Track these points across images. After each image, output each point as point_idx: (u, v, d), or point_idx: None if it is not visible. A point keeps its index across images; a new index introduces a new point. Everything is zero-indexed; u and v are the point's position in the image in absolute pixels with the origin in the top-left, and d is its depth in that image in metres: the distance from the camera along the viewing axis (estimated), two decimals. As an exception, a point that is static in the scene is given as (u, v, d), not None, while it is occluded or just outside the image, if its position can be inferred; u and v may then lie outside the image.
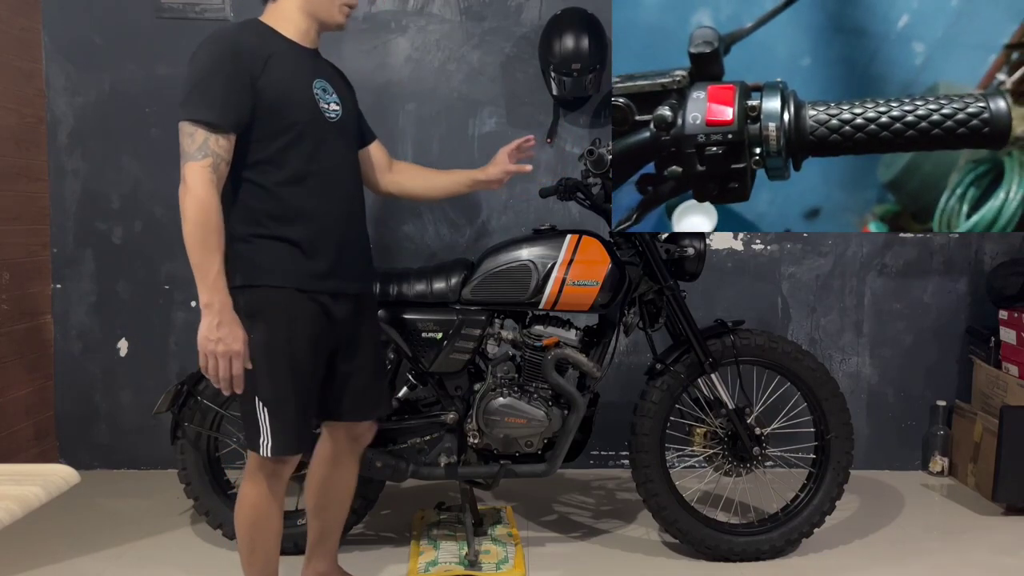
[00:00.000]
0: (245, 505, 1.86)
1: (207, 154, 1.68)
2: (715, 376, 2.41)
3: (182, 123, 1.69)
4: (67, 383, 3.19)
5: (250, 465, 1.86)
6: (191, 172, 1.68)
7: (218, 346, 1.68)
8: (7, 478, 1.37)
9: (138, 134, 3.13)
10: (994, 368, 3.05)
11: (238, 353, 1.70)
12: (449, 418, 2.36)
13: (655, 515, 2.44)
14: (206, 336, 1.68)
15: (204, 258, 1.67)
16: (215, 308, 1.67)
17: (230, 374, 1.70)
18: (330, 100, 1.86)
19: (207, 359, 1.69)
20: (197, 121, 1.68)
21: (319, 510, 2.09)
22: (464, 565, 2.35)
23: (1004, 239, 3.24)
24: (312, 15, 1.85)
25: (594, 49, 2.90)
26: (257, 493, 1.85)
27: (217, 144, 1.69)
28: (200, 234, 1.67)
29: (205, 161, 1.68)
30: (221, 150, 1.70)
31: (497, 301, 2.32)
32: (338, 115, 1.87)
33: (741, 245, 3.23)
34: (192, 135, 1.68)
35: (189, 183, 1.68)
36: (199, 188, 1.67)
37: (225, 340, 1.68)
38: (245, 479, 1.87)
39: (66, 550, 2.50)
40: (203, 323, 1.68)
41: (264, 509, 1.85)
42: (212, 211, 1.68)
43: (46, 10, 3.08)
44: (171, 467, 2.96)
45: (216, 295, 1.68)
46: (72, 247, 3.16)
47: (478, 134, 3.18)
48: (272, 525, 1.88)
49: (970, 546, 2.58)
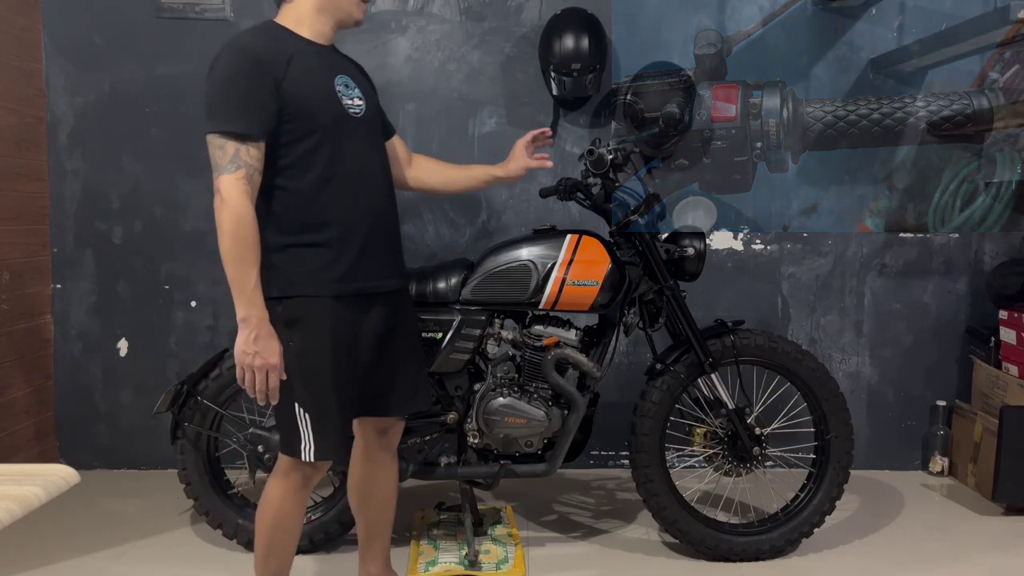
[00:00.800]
0: (270, 505, 1.86)
1: (240, 165, 1.66)
2: (715, 376, 2.41)
3: (210, 136, 1.67)
4: (67, 383, 3.19)
5: (281, 467, 1.86)
6: (225, 185, 1.65)
7: (255, 359, 1.68)
8: (7, 478, 1.37)
9: (138, 134, 3.13)
10: (994, 368, 3.05)
11: (274, 366, 1.70)
12: (449, 418, 2.36)
13: (655, 515, 2.44)
14: (243, 349, 1.68)
15: (241, 272, 1.67)
16: (252, 322, 1.68)
17: (266, 386, 1.71)
18: (353, 96, 1.85)
19: (243, 371, 1.70)
20: (226, 133, 1.65)
21: (361, 508, 2.11)
22: (464, 565, 2.35)
23: (1004, 239, 3.24)
24: (329, 13, 1.83)
25: (594, 49, 2.90)
26: (283, 495, 1.85)
27: (248, 154, 1.67)
28: (237, 249, 1.67)
29: (239, 173, 1.66)
30: (253, 160, 1.68)
31: (497, 301, 2.32)
32: (362, 110, 1.85)
33: (741, 245, 3.23)
34: (223, 147, 1.66)
35: (224, 196, 1.65)
36: (235, 201, 1.65)
37: (261, 353, 1.68)
38: (273, 480, 1.87)
39: (66, 550, 2.50)
40: (240, 336, 1.68)
41: (288, 511, 1.86)
42: (249, 224, 1.67)
43: (46, 10, 3.09)
44: (171, 467, 2.97)
45: (253, 309, 1.68)
46: (72, 247, 3.16)
47: (478, 134, 3.18)
48: (292, 528, 1.89)
49: (970, 546, 2.58)
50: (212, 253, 3.14)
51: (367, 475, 2.08)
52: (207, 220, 3.16)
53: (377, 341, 1.89)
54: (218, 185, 1.66)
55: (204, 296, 3.18)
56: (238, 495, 2.52)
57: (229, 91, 1.67)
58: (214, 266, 3.16)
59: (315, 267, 1.77)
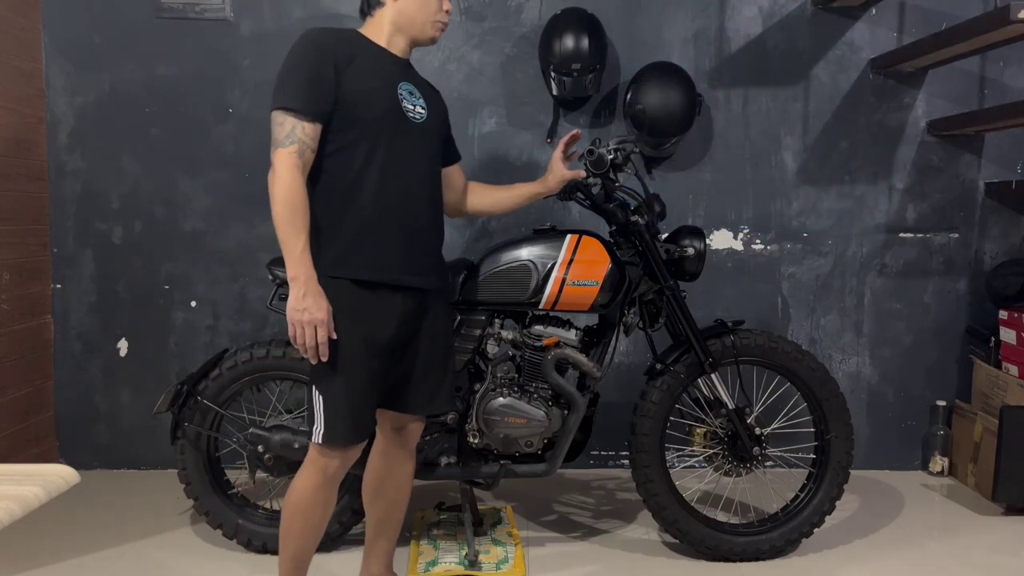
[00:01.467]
0: (293, 491, 1.93)
1: (294, 140, 1.78)
2: (715, 376, 2.41)
3: (273, 112, 1.80)
4: (67, 383, 3.19)
5: (308, 455, 1.93)
6: (279, 158, 1.78)
7: (304, 315, 1.76)
8: (7, 478, 1.37)
9: (138, 134, 3.13)
10: (994, 368, 3.05)
11: (323, 321, 1.78)
12: (449, 418, 2.36)
13: (655, 515, 2.44)
14: (293, 307, 1.77)
15: (290, 235, 1.77)
16: (301, 280, 1.77)
17: (316, 342, 1.78)
18: (416, 103, 1.94)
19: (294, 328, 1.78)
20: (286, 109, 1.78)
21: (372, 503, 2.14)
22: (464, 565, 2.35)
23: (1004, 239, 3.24)
24: (403, 30, 1.95)
25: (594, 49, 2.90)
26: (305, 482, 1.92)
27: (303, 131, 1.78)
28: (287, 213, 1.77)
29: (292, 148, 1.78)
30: (307, 137, 1.79)
31: (497, 301, 2.32)
32: (423, 118, 1.95)
33: (741, 245, 3.24)
34: (282, 123, 1.78)
35: (277, 168, 1.78)
36: (285, 172, 1.77)
37: (310, 309, 1.76)
38: (301, 468, 1.94)
39: (66, 550, 2.50)
40: (290, 295, 1.78)
41: (308, 499, 1.91)
42: (298, 193, 1.78)
43: (46, 10, 3.09)
44: (171, 467, 2.97)
45: (302, 268, 1.77)
46: (72, 247, 3.16)
47: (478, 134, 3.18)
48: (312, 517, 1.94)
49: (970, 546, 2.58)
50: (212, 253, 3.16)
51: (381, 470, 2.11)
52: (207, 220, 3.16)
53: (401, 336, 1.93)
54: (273, 158, 1.79)
55: (204, 296, 3.18)
56: (238, 495, 2.52)
57: (293, 72, 1.81)
58: (214, 266, 3.17)
59: (342, 250, 1.85)
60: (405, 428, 2.08)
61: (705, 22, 3.16)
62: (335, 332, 1.81)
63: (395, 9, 1.92)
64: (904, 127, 3.21)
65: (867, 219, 3.23)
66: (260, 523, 2.46)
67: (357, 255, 1.85)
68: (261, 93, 3.13)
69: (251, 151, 3.14)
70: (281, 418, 2.45)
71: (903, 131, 3.21)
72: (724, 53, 3.17)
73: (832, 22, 3.17)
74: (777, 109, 3.19)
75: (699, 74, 3.14)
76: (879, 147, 3.21)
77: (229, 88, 3.13)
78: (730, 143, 3.20)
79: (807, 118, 3.20)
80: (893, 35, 3.17)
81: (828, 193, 3.22)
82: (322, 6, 3.11)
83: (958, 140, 3.21)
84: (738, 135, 3.20)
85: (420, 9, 1.93)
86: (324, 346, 1.79)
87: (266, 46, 3.11)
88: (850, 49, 3.18)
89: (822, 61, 3.18)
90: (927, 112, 3.20)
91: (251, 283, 3.18)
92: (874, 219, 3.23)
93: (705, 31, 3.17)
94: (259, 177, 3.12)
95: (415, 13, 1.93)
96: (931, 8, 3.16)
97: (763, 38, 3.17)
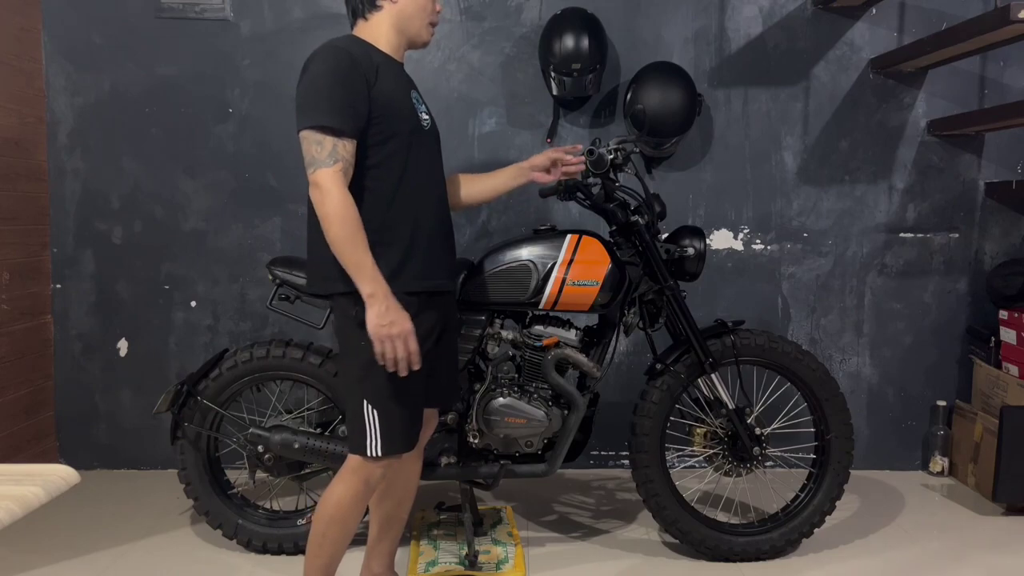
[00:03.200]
0: (330, 501, 1.91)
1: (337, 159, 1.73)
2: (715, 376, 2.41)
3: (306, 132, 1.73)
4: (67, 383, 3.19)
5: (349, 464, 1.91)
6: (326, 178, 1.72)
7: (392, 328, 1.75)
8: (7, 478, 1.37)
9: (138, 134, 3.13)
10: (994, 368, 3.05)
11: (410, 331, 1.77)
12: (449, 418, 2.36)
13: (655, 515, 2.44)
14: (377, 323, 1.74)
15: (357, 254, 1.74)
16: (380, 296, 1.74)
17: (407, 352, 1.77)
18: (422, 109, 1.96)
19: (382, 344, 1.75)
20: (323, 128, 1.72)
21: (380, 499, 2.14)
22: (464, 565, 2.35)
23: (1004, 239, 3.24)
24: (402, 32, 1.93)
25: (594, 49, 2.90)
26: (344, 493, 1.90)
27: (345, 149, 1.75)
28: (348, 231, 1.73)
29: (337, 166, 1.73)
30: (348, 155, 1.76)
31: (497, 301, 2.32)
32: (429, 124, 1.97)
33: (741, 245, 3.23)
34: (320, 143, 1.72)
35: (325, 188, 1.72)
36: (336, 191, 1.72)
37: (397, 322, 1.75)
38: (338, 478, 1.92)
39: (66, 550, 2.50)
40: (371, 313, 1.74)
41: (346, 509, 1.90)
42: (353, 209, 1.74)
43: (46, 10, 3.09)
44: (171, 467, 2.97)
45: (378, 285, 1.75)
46: (72, 247, 3.16)
47: (478, 134, 3.18)
48: (348, 527, 1.93)
49: (970, 546, 2.58)
50: (212, 253, 3.16)
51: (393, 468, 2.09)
52: (207, 220, 3.16)
53: (434, 338, 1.95)
54: (317, 179, 1.72)
55: (204, 296, 3.18)
56: (238, 495, 2.52)
57: (326, 89, 1.75)
58: (214, 266, 3.17)
59: (391, 265, 1.83)
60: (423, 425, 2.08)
61: (705, 22, 3.16)
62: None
63: (394, 11, 1.90)
64: (904, 127, 3.21)
65: (867, 219, 3.23)
66: (260, 523, 2.46)
67: (406, 267, 1.85)
68: (261, 93, 3.13)
69: (251, 151, 3.14)
70: (281, 418, 2.46)
71: (903, 131, 3.21)
72: (724, 53, 3.17)
73: (832, 22, 3.17)
74: (777, 109, 3.19)
75: (699, 74, 3.14)
76: (879, 147, 3.21)
77: (229, 88, 3.13)
78: (730, 143, 3.20)
79: (807, 118, 3.20)
80: (893, 35, 3.17)
81: (828, 193, 3.22)
82: (322, 6, 3.11)
83: (958, 140, 3.21)
84: (738, 135, 3.20)
85: (420, 10, 1.93)
86: (416, 355, 1.78)
87: (266, 46, 3.11)
88: (850, 49, 3.18)
89: (822, 61, 3.18)
90: (927, 112, 3.20)
91: (251, 283, 3.18)
92: (874, 219, 3.23)
93: (705, 31, 3.17)
94: (259, 177, 3.15)
95: (415, 13, 1.92)
96: (931, 8, 3.16)
97: (763, 38, 3.17)
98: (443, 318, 1.98)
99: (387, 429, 1.85)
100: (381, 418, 1.85)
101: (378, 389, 1.83)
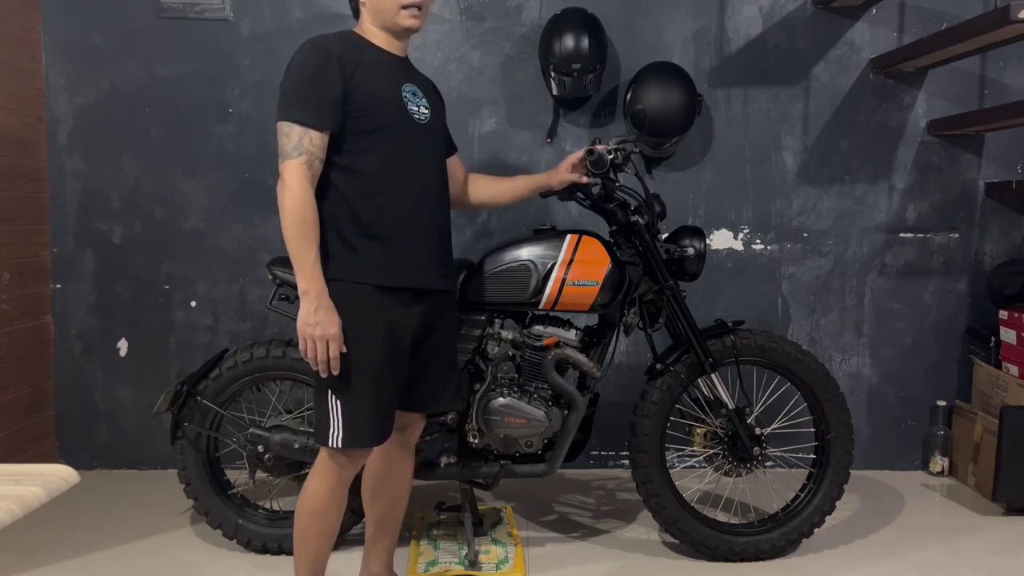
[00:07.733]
0: (307, 497, 1.93)
1: (302, 151, 1.77)
2: (715, 376, 2.41)
3: (279, 123, 1.79)
4: (67, 383, 3.19)
5: (318, 460, 1.93)
6: (288, 169, 1.77)
7: (316, 330, 1.77)
8: (7, 478, 1.37)
9: (138, 134, 3.13)
10: (994, 368, 3.05)
11: (335, 336, 1.78)
12: (449, 418, 2.36)
13: (655, 515, 2.44)
14: (305, 321, 1.78)
15: (301, 249, 1.77)
16: (312, 295, 1.77)
17: (327, 356, 1.78)
18: (419, 104, 1.94)
19: (306, 342, 1.79)
20: (292, 120, 1.77)
21: (372, 502, 2.14)
22: (464, 565, 2.35)
23: (1004, 239, 3.24)
24: (380, 23, 1.92)
25: (594, 49, 2.90)
26: (319, 487, 1.92)
27: (311, 142, 1.78)
28: (298, 227, 1.76)
29: (300, 159, 1.77)
30: (315, 148, 1.78)
31: (497, 301, 2.32)
32: (427, 118, 1.95)
33: (741, 245, 3.23)
34: (288, 134, 1.78)
35: (287, 180, 1.77)
36: (295, 184, 1.76)
37: (322, 324, 1.77)
38: (312, 473, 1.94)
39: (66, 550, 2.50)
40: (301, 309, 1.78)
41: (324, 503, 1.92)
42: (308, 206, 1.77)
43: (46, 10, 3.09)
44: (171, 467, 2.96)
45: (313, 283, 1.77)
46: (72, 247, 3.16)
47: (478, 134, 3.18)
48: (328, 521, 1.94)
49: (970, 546, 2.58)
50: (212, 253, 3.16)
51: (382, 469, 2.11)
52: (207, 220, 3.16)
53: (418, 337, 1.95)
54: (282, 169, 1.78)
55: (204, 296, 3.18)
56: (238, 495, 2.52)
57: (300, 83, 1.80)
58: (214, 266, 3.17)
59: (364, 256, 1.85)
60: (408, 427, 2.09)
61: (705, 22, 3.16)
62: (358, 338, 1.82)
63: (369, 4, 1.91)
64: (904, 127, 3.21)
65: (867, 219, 3.23)
66: (260, 523, 2.47)
67: (378, 261, 1.85)
68: (261, 93, 3.13)
69: (251, 151, 3.14)
70: (281, 418, 2.46)
71: (903, 131, 3.21)
72: (724, 53, 3.17)
73: (832, 22, 3.17)
74: (777, 109, 3.19)
75: (699, 74, 3.14)
76: (879, 147, 3.21)
77: (229, 88, 3.13)
78: (730, 143, 3.20)
79: (807, 118, 3.20)
80: (893, 35, 3.17)
81: (828, 193, 3.22)
82: (322, 6, 3.11)
83: (958, 140, 3.21)
84: (738, 135, 3.20)
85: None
86: (336, 360, 1.80)
87: (266, 46, 3.11)
88: (850, 49, 3.18)
89: (822, 61, 3.18)
90: (927, 112, 3.20)
91: (251, 283, 3.18)
92: (874, 219, 3.23)
93: (705, 31, 3.16)
94: (259, 177, 3.15)
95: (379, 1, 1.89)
96: (931, 8, 3.16)
97: (763, 38, 3.17)
98: (430, 319, 1.96)
99: (350, 422, 1.85)
100: (344, 410, 1.85)
101: (344, 381, 1.84)
